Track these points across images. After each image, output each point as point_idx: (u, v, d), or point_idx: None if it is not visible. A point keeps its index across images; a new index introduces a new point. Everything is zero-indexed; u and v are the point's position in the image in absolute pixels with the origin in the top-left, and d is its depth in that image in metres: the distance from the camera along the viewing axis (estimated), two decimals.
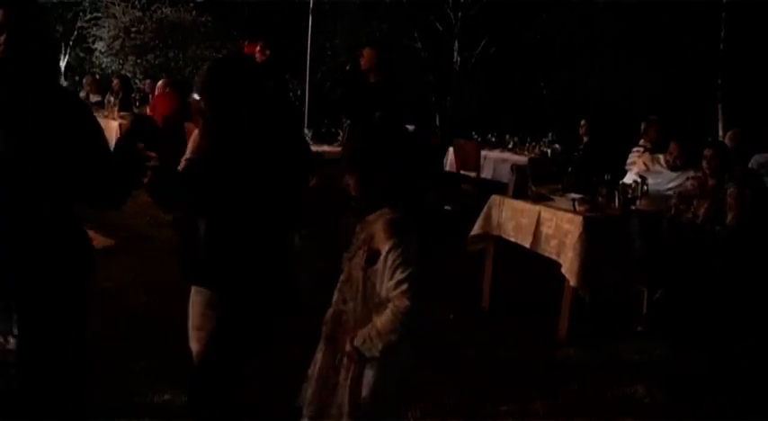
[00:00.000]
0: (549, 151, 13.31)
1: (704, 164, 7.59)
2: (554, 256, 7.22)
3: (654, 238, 7.46)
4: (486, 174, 12.94)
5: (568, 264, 7.01)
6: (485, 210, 7.95)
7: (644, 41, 17.82)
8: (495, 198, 7.94)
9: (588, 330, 7.36)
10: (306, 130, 19.03)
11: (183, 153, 4.18)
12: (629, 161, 9.65)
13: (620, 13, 17.89)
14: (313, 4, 19.36)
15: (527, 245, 7.46)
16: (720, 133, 16.40)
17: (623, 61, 18.10)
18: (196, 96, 9.96)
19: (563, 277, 7.12)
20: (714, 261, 7.26)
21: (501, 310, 7.92)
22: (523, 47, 20.10)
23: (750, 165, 9.72)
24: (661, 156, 8.52)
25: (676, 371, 6.64)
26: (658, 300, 7.56)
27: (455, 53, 22.03)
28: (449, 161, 13.60)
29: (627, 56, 18.10)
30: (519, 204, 7.68)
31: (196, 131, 4.20)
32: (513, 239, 7.67)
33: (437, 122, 21.02)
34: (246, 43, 8.72)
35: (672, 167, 8.29)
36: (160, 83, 14.66)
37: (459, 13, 21.61)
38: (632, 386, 6.22)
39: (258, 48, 8.12)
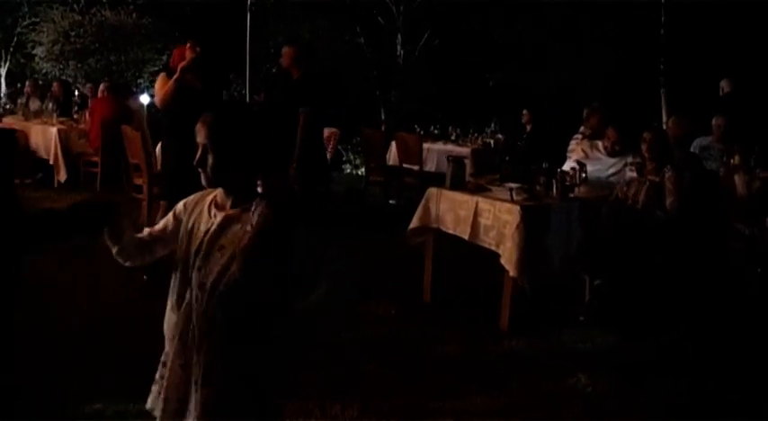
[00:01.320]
0: (491, 142, 13.27)
1: (643, 148, 7.55)
2: (493, 247, 7.13)
3: (594, 225, 7.39)
4: (430, 166, 12.85)
5: (508, 255, 6.92)
6: (422, 202, 7.84)
7: (588, 29, 17.85)
8: (432, 190, 7.83)
9: (530, 320, 7.29)
10: None
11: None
12: (569, 148, 9.60)
13: (564, 2, 17.90)
14: (251, 2, 19.19)
15: (465, 236, 7.36)
16: (664, 119, 16.45)
17: (567, 49, 18.10)
18: (141, 100, 9.88)
19: (503, 268, 7.02)
20: (655, 246, 7.20)
21: (442, 303, 7.82)
22: (467, 39, 20.06)
23: (693, 149, 9.74)
24: (599, 143, 8.48)
25: (619, 360, 6.58)
26: (599, 287, 7.50)
27: (398, 47, 21.95)
28: (392, 155, 13.49)
29: (571, 44, 18.11)
30: (456, 196, 7.58)
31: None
32: (451, 231, 7.57)
33: (381, 116, 20.98)
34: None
35: (610, 153, 8.25)
36: (102, 86, 14.49)
37: (402, 7, 21.55)
38: (575, 376, 6.14)
39: (188, 46, 7.95)
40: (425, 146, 12.99)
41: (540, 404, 5.71)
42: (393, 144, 13.52)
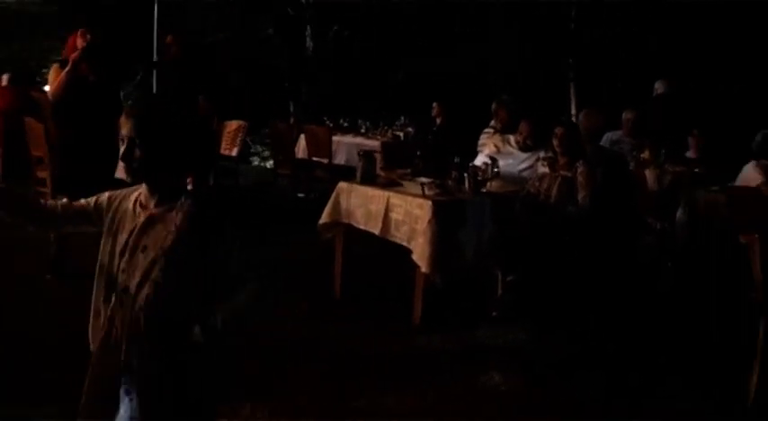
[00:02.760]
0: (402, 135, 13.18)
1: (554, 143, 7.54)
2: (405, 243, 7.03)
3: (506, 220, 7.34)
4: (339, 159, 12.72)
5: (419, 250, 6.84)
6: (333, 197, 7.72)
7: (497, 21, 17.87)
8: (342, 185, 7.72)
9: (443, 316, 7.24)
10: None
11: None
12: (480, 142, 9.54)
13: None
14: None
15: (377, 232, 7.25)
16: (573, 112, 16.52)
17: (478, 41, 18.10)
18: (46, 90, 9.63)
19: (415, 263, 6.94)
20: (567, 241, 7.18)
21: (354, 300, 7.71)
22: (378, 30, 19.98)
23: (603, 143, 9.77)
24: (512, 137, 8.46)
25: (533, 356, 6.56)
26: (512, 283, 7.45)
27: (307, 38, 21.76)
28: (301, 147, 13.34)
29: (481, 36, 18.12)
30: (367, 190, 7.47)
31: None
32: (362, 227, 7.46)
33: (291, 109, 20.79)
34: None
35: (523, 148, 8.23)
36: (4, 76, 14.06)
37: None
38: (489, 373, 6.08)
39: (79, 34, 7.73)
40: (335, 139, 12.85)
41: (454, 401, 5.64)
42: (302, 137, 13.37)
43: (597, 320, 7.09)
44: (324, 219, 7.75)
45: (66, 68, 7.55)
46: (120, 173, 3.48)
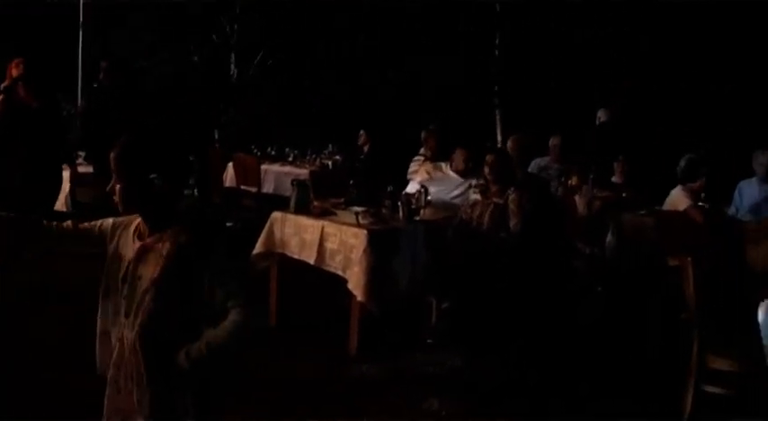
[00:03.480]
0: (330, 163, 13.19)
1: (486, 170, 7.59)
2: (340, 272, 7.05)
3: (439, 247, 7.39)
4: (268, 188, 12.69)
5: (355, 279, 6.85)
6: (267, 226, 7.71)
7: (423, 48, 17.93)
8: (276, 215, 7.71)
9: (379, 344, 7.24)
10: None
11: None
12: (410, 170, 9.61)
13: (400, 20, 17.94)
14: (83, 17, 18.64)
15: (311, 261, 7.25)
16: (499, 139, 16.66)
17: (404, 69, 18.16)
18: None
19: (350, 292, 6.94)
20: (500, 268, 7.24)
21: (289, 328, 7.65)
22: (303, 57, 19.97)
23: (530, 170, 9.87)
24: (443, 165, 8.52)
25: (469, 382, 6.60)
26: (446, 310, 7.50)
27: (232, 65, 21.67)
28: (229, 176, 13.28)
29: (407, 64, 18.17)
30: (302, 220, 7.48)
31: None
32: (297, 256, 7.45)
33: (215, 136, 20.65)
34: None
35: (463, 174, 8.28)
36: None
37: (236, 25, 21.29)
38: (427, 399, 6.12)
39: (13, 64, 7.69)
40: (263, 167, 12.83)
41: None
42: (230, 165, 13.31)
43: (530, 346, 7.15)
44: (258, 248, 7.73)
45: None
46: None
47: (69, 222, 3.41)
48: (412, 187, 8.32)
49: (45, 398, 5.67)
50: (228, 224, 12.75)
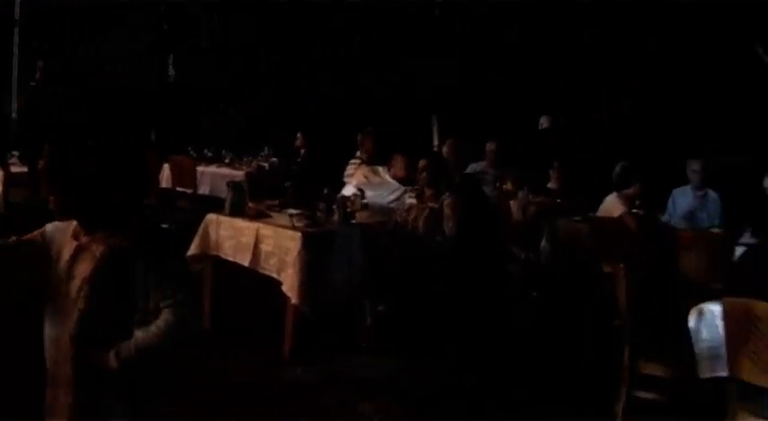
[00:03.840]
0: (266, 165, 13.12)
1: (421, 175, 7.59)
2: (275, 274, 7.02)
3: (375, 251, 7.37)
4: (204, 189, 12.60)
5: (290, 282, 6.82)
6: (201, 228, 7.65)
7: (360, 51, 17.89)
8: (211, 216, 7.66)
9: (313, 347, 7.22)
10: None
11: None
12: (346, 173, 9.58)
13: (337, 19, 17.88)
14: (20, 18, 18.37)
15: (246, 263, 7.21)
16: (435, 143, 16.65)
17: (342, 70, 18.10)
18: None
19: (285, 295, 6.90)
20: (435, 272, 7.24)
21: (224, 331, 7.57)
22: (241, 59, 19.83)
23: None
24: (380, 168, 8.51)
25: (404, 386, 6.57)
26: (382, 313, 7.48)
27: (170, 66, 21.49)
28: (164, 177, 13.16)
29: (344, 66, 18.12)
30: (237, 222, 7.44)
31: None
32: (231, 258, 7.41)
33: (152, 138, 20.44)
34: None
35: (401, 181, 8.26)
36: None
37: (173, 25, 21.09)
38: (362, 403, 6.10)
39: None
40: (199, 169, 12.74)
41: None
42: (166, 166, 13.19)
43: (465, 350, 7.15)
44: (192, 250, 7.66)
45: None
46: None
47: (13, 237, 3.37)
48: (348, 190, 8.29)
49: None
50: (164, 225, 12.64)
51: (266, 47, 19.10)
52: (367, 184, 8.23)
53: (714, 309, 5.02)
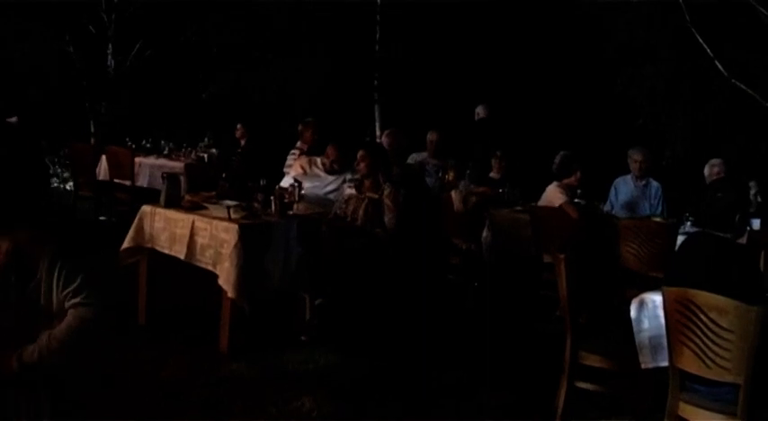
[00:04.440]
0: (206, 156, 12.95)
1: (360, 166, 7.51)
2: (210, 267, 6.90)
3: (313, 243, 7.26)
4: (142, 181, 12.39)
5: (225, 275, 6.71)
6: (136, 221, 7.50)
7: (304, 42, 17.77)
8: (145, 208, 7.51)
9: (251, 342, 7.10)
10: None
11: None
12: (286, 164, 9.48)
13: (282, 13, 17.73)
14: None
15: (182, 256, 7.09)
16: (378, 133, 16.59)
17: (284, 61, 17.97)
18: None
19: (222, 288, 6.79)
20: (376, 263, 7.16)
21: (159, 326, 7.48)
22: (182, 49, 19.62)
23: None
24: (318, 159, 8.41)
25: (343, 380, 6.49)
26: (321, 306, 7.37)
27: (109, 57, 21.20)
28: (102, 169, 12.93)
29: (288, 56, 17.99)
30: (172, 214, 7.30)
31: None
32: (167, 251, 7.28)
33: (91, 129, 20.17)
34: None
35: (329, 171, 8.18)
36: None
37: (114, 15, 20.80)
38: (299, 399, 5.99)
39: None
40: (137, 160, 12.51)
41: None
42: (103, 158, 12.97)
43: (404, 341, 7.07)
44: (126, 243, 7.52)
45: None
46: None
47: None
48: (286, 181, 8.17)
49: None
50: (102, 218, 12.47)
51: (208, 36, 18.94)
52: (305, 176, 8.12)
53: (655, 298, 5.02)
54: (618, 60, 14.64)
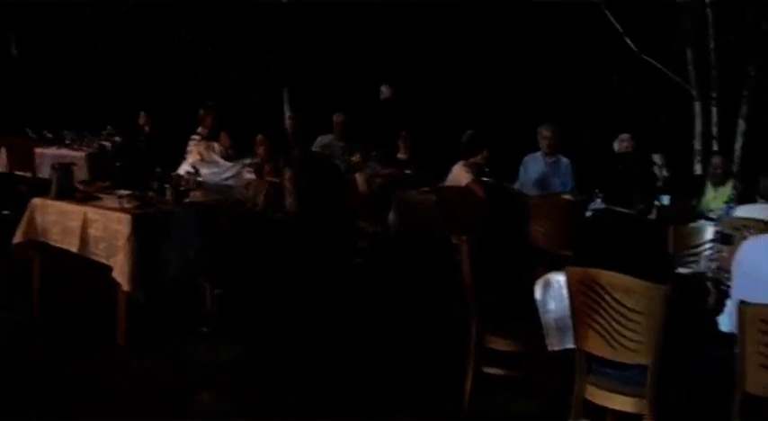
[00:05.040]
0: (109, 145, 12.62)
1: (259, 150, 7.38)
2: (104, 260, 6.72)
3: (212, 231, 7.07)
4: (44, 172, 12.03)
5: (119, 267, 6.56)
6: (26, 214, 7.29)
7: (213, 23, 17.54)
8: (36, 201, 7.30)
9: (150, 334, 6.92)
10: None
11: None
12: (187, 150, 9.27)
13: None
14: None
15: (74, 249, 6.90)
16: (287, 116, 16.42)
17: (189, 45, 17.74)
18: None
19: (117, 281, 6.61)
20: (277, 248, 6.98)
21: (54, 321, 7.27)
22: (84, 37, 19.29)
23: (315, 148, 9.69)
24: (216, 145, 8.26)
25: (246, 371, 6.34)
26: (222, 295, 7.17)
27: (12, 46, 20.77)
28: (2, 161, 12.57)
29: (193, 39, 17.76)
30: (64, 206, 7.09)
31: None
32: (59, 245, 7.06)
33: None
34: None
35: (227, 157, 8.01)
36: None
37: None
38: (199, 392, 5.92)
39: None
40: (38, 151, 12.17)
41: None
42: (3, 149, 12.61)
43: (308, 327, 6.90)
44: (18, 238, 7.30)
45: None
46: None
47: None
48: (183, 168, 7.99)
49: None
50: (5, 212, 12.13)
51: (114, 23, 18.63)
52: (202, 162, 7.96)
53: (560, 279, 4.90)
54: (530, 34, 14.64)
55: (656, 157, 8.85)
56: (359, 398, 5.92)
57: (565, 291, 4.71)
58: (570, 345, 4.76)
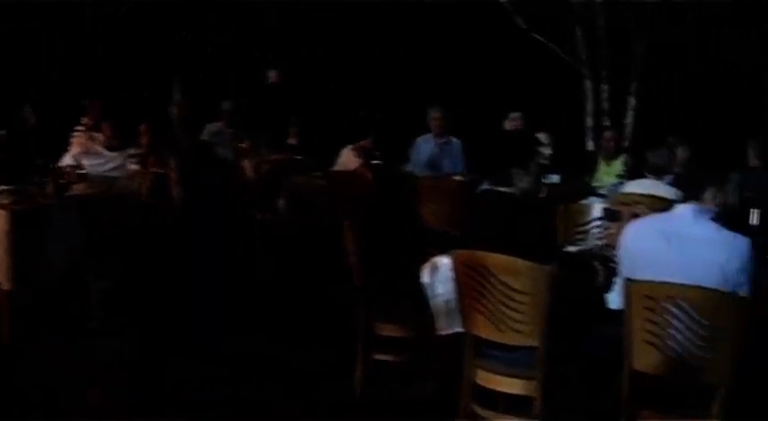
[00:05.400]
0: None
1: (143, 140, 7.28)
2: None
3: (96, 224, 6.96)
4: None
5: None
6: None
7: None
8: None
9: (35, 333, 6.72)
10: None
11: None
12: (70, 141, 9.08)
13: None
14: None
15: None
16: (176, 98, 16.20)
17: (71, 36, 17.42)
18: None
19: None
20: (162, 239, 6.89)
21: None
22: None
23: (204, 136, 9.59)
24: (99, 136, 8.12)
25: (134, 365, 6.21)
26: (107, 290, 7.03)
27: None
28: None
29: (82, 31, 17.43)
30: None
31: None
32: None
33: None
34: None
35: (109, 147, 7.86)
36: None
37: None
38: (90, 393, 5.70)
39: None
40: None
41: None
42: None
43: (194, 316, 6.82)
44: None
45: None
46: None
47: None
48: (66, 160, 7.82)
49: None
50: None
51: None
52: (85, 154, 7.80)
53: (447, 262, 4.85)
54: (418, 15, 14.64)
55: (542, 136, 8.89)
56: (248, 387, 5.85)
57: (451, 274, 4.70)
58: (458, 329, 4.75)
